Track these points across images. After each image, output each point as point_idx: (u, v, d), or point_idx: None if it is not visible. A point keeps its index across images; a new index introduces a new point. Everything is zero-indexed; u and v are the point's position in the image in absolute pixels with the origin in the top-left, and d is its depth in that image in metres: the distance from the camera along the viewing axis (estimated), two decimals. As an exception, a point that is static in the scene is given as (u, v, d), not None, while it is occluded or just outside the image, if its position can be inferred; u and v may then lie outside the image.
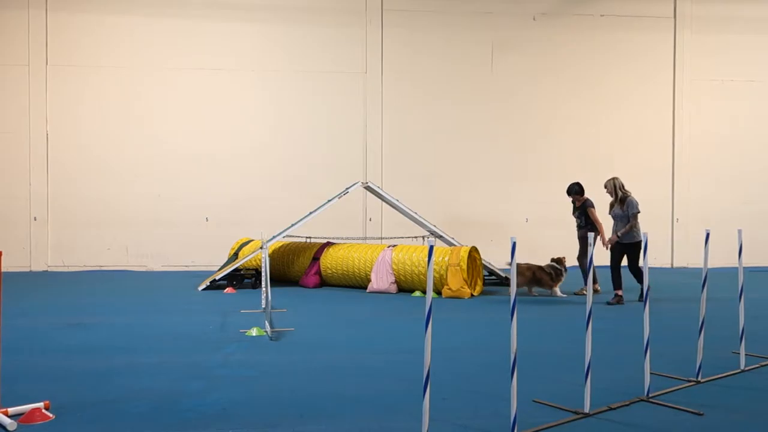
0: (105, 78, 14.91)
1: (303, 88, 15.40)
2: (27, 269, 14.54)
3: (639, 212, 9.77)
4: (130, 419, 4.33)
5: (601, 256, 10.92)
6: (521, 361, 4.41)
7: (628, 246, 9.83)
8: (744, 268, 5.90)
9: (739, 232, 5.73)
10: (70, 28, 14.82)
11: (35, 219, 14.67)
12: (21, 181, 14.69)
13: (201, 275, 13.04)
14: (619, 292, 9.80)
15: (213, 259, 14.35)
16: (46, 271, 14.61)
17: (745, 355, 5.78)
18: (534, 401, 4.68)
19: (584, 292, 10.49)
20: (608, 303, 9.68)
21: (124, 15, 14.92)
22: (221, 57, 15.16)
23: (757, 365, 5.87)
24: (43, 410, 4.35)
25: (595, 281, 10.81)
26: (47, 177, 14.73)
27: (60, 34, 14.78)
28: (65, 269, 14.69)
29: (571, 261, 10.90)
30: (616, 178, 10.07)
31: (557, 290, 10.58)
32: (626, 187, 10.00)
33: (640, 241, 9.42)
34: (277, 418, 4.35)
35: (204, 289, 11.27)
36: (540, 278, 10.57)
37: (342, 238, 13.00)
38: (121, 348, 6.54)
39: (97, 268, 14.78)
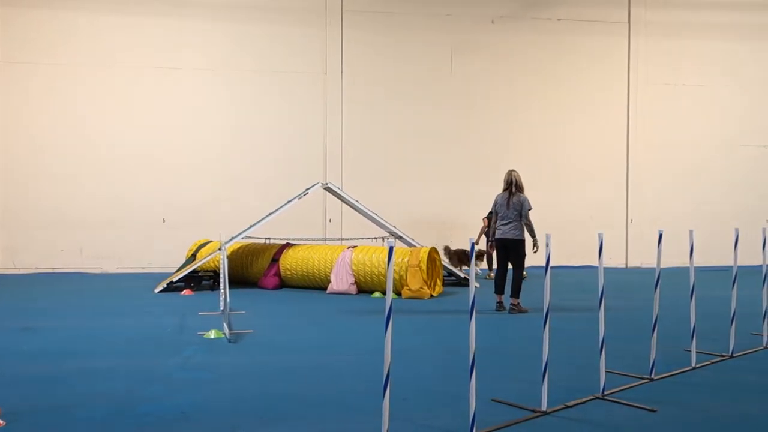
0: (57, 76, 14.57)
1: (262, 87, 15.29)
2: (-24, 272, 14.14)
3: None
4: (85, 425, 4.24)
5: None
6: (480, 360, 4.45)
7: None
8: (695, 267, 6.07)
9: (691, 232, 5.88)
10: (19, 23, 14.43)
11: (-16, 220, 14.26)
12: (-31, 181, 14.28)
13: (158, 277, 12.83)
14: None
15: (170, 261, 14.12)
16: (-4, 273, 14.24)
17: (696, 352, 5.94)
18: (493, 400, 4.74)
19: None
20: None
21: (77, 11, 14.60)
22: (179, 55, 14.95)
23: (707, 362, 6.04)
24: (-6, 417, 4.23)
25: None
26: (-3, 177, 14.35)
27: (7, 30, 14.38)
28: (16, 271, 14.30)
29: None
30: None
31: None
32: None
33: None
34: (237, 421, 4.31)
35: (161, 291, 11.11)
36: (462, 259, 13.13)
37: (302, 239, 12.94)
38: (76, 352, 6.40)
39: (50, 271, 14.43)
